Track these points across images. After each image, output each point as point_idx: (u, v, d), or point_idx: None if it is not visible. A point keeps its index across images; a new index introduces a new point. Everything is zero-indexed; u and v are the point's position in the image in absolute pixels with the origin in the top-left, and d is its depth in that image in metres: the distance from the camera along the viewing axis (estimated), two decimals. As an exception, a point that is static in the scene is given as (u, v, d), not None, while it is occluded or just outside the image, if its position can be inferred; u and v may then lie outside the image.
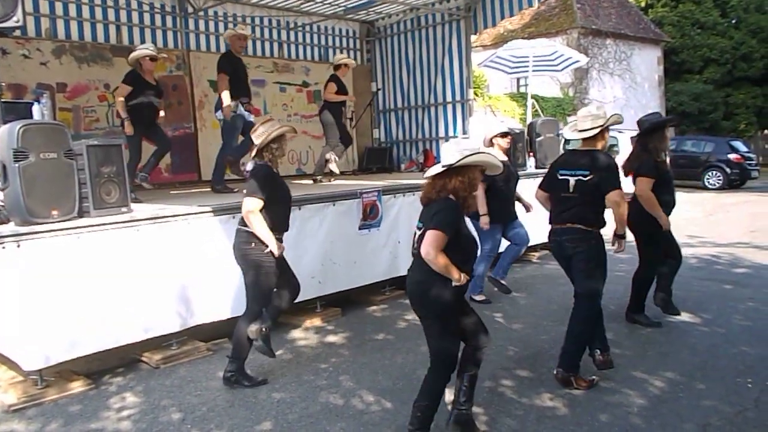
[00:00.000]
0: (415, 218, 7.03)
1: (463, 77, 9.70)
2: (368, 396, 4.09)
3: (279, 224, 4.26)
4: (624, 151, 13.88)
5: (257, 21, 9.56)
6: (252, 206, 4.08)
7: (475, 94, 14.60)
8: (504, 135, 6.11)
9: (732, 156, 18.53)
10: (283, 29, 9.91)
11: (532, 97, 13.05)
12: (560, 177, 4.30)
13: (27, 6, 7.35)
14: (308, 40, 10.39)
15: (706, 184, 18.40)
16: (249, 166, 4.42)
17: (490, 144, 6.08)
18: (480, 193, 5.65)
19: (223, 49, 9.08)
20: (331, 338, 5.32)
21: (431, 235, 3.15)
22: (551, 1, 21.74)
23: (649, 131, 5.21)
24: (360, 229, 6.12)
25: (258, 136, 4.23)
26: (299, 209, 5.64)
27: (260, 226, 4.10)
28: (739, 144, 19.65)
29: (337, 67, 8.20)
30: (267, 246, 4.12)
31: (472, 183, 3.32)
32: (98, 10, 7.99)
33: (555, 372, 4.13)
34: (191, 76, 8.91)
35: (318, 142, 10.38)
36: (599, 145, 4.31)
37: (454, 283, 3.20)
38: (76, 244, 4.31)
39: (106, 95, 8.05)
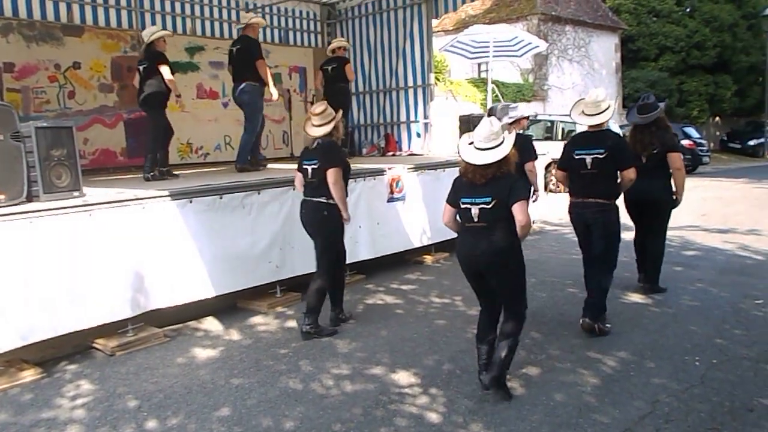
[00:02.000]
0: (377, 202, 7.08)
1: (425, 62, 9.68)
2: (328, 380, 4.10)
3: (346, 193, 4.89)
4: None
5: (215, 2, 9.35)
6: (338, 176, 4.71)
7: (437, 78, 14.62)
8: (527, 118, 6.53)
9: (685, 142, 19.03)
10: (242, 10, 9.69)
11: (493, 82, 13.14)
12: (576, 157, 4.80)
13: (-30, -19, 7.05)
14: (268, 22, 10.18)
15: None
16: (313, 145, 4.90)
17: (515, 123, 6.24)
18: (535, 171, 6.05)
19: (180, 31, 8.94)
20: (290, 323, 5.31)
21: (524, 206, 3.59)
22: (512, -13, 21.86)
23: (659, 111, 5.47)
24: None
25: (324, 117, 4.79)
26: (258, 194, 5.60)
27: (343, 195, 4.78)
28: (691, 130, 20.23)
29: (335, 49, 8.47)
30: (342, 213, 4.81)
31: None
32: (47, -13, 7.69)
33: (581, 322, 4.74)
34: (147, 57, 8.66)
35: (278, 126, 10.28)
36: (602, 127, 4.87)
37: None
38: (26, 228, 4.17)
39: (57, 76, 7.78)
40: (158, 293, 4.92)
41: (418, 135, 9.89)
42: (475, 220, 3.64)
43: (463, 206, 3.71)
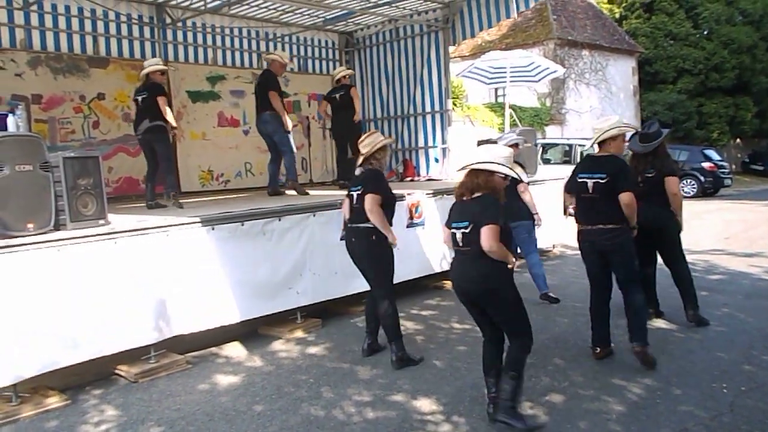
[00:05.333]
0: (396, 227, 7.07)
1: (442, 88, 9.77)
2: (350, 407, 4.08)
3: (389, 220, 4.85)
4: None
5: (236, 32, 9.55)
6: (375, 202, 4.67)
7: (454, 104, 14.71)
8: (516, 145, 6.65)
9: (706, 164, 18.88)
10: (262, 40, 9.90)
11: (510, 107, 13.18)
12: (579, 180, 4.76)
13: (1, 17, 7.27)
14: (287, 51, 10.39)
15: (681, 192, 18.67)
16: (357, 172, 5.00)
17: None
18: (530, 195, 6.29)
19: (201, 60, 9.14)
20: (311, 349, 5.31)
21: (490, 230, 3.50)
22: (528, 13, 21.97)
23: (660, 140, 5.46)
24: (342, 239, 6.11)
25: (365, 146, 4.84)
26: (279, 220, 5.65)
27: (383, 220, 4.72)
28: (712, 153, 20.04)
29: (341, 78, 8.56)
30: (387, 237, 4.74)
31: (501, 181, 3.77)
32: (75, 21, 7.90)
33: (633, 347, 4.58)
34: (169, 87, 8.83)
35: (297, 153, 10.35)
36: (613, 151, 4.76)
37: (509, 266, 3.63)
38: (52, 257, 4.25)
39: (82, 107, 7.96)
40: (180, 319, 4.96)
41: (437, 160, 9.93)
42: (460, 245, 3.68)
43: (451, 230, 3.75)
